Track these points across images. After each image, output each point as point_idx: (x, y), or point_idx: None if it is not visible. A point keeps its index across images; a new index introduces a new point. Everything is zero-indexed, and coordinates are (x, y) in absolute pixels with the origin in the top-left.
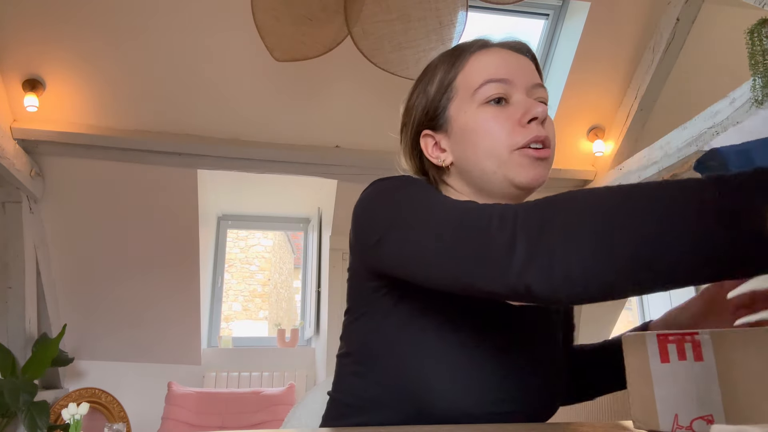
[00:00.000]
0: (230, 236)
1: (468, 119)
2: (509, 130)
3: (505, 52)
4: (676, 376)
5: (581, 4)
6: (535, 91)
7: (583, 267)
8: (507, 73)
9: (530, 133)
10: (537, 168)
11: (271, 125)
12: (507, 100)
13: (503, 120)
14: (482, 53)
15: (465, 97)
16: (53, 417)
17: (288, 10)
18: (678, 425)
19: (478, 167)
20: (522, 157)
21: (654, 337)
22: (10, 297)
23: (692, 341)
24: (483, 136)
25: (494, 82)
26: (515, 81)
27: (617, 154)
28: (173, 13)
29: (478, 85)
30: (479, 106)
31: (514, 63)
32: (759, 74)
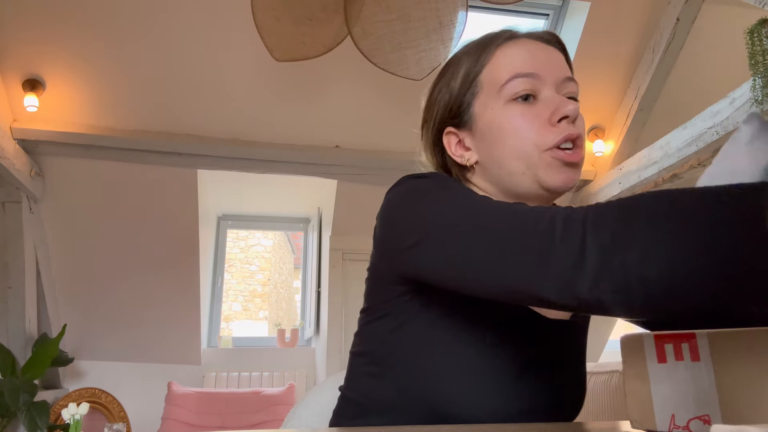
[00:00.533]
0: (230, 236)
1: (494, 116)
2: (538, 129)
3: (533, 43)
4: (673, 377)
5: (581, 4)
6: (566, 86)
7: (664, 282)
8: (535, 67)
9: (561, 133)
10: (568, 171)
11: (271, 125)
12: (535, 96)
13: (532, 118)
14: (509, 45)
15: (491, 93)
16: (53, 417)
17: (288, 10)
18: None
19: (505, 167)
20: (552, 158)
21: (651, 337)
22: (10, 297)
23: (689, 341)
24: (511, 135)
25: (522, 77)
26: (544, 76)
27: (617, 154)
28: (173, 13)
29: (505, 80)
30: (506, 102)
31: (543, 56)
32: (759, 74)
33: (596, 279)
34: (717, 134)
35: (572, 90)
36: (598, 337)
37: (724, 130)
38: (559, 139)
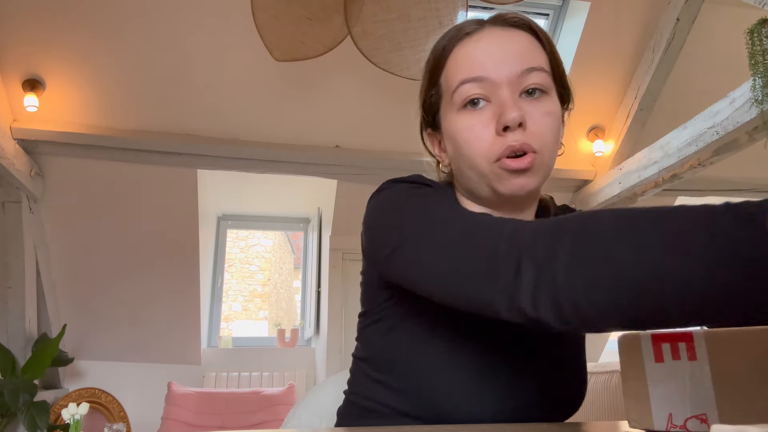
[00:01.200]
0: (230, 236)
1: (450, 125)
2: (485, 141)
3: (491, 35)
4: (671, 376)
5: (581, 4)
6: (524, 80)
7: (590, 298)
8: (483, 68)
9: (504, 144)
10: (517, 178)
11: (271, 125)
12: (488, 99)
13: (481, 128)
14: (462, 45)
15: (447, 99)
16: (53, 417)
17: (288, 10)
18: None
19: (465, 174)
20: (500, 169)
21: (648, 337)
22: (10, 297)
23: (686, 341)
24: (462, 146)
25: (469, 82)
26: (495, 76)
27: (617, 154)
28: (173, 13)
29: (454, 87)
30: (457, 110)
31: (497, 50)
32: (759, 74)
33: (533, 298)
34: (717, 134)
35: (533, 81)
36: (598, 337)
37: (724, 130)
38: (501, 151)
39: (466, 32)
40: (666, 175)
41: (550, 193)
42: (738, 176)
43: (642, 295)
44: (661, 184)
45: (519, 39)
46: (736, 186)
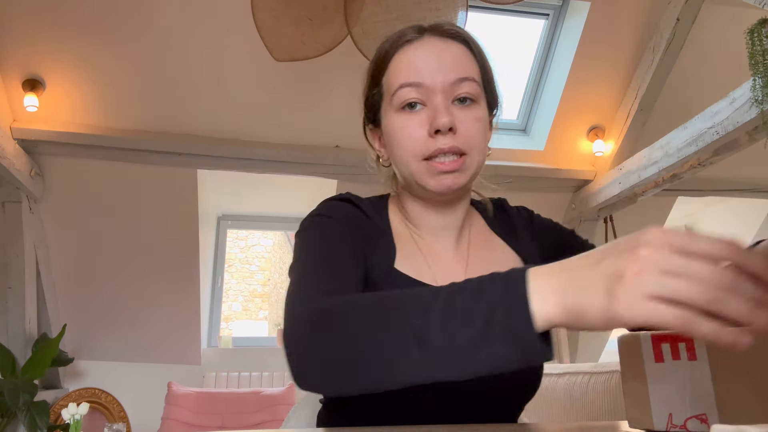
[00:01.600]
0: (230, 236)
1: (388, 123)
2: (417, 140)
3: (430, 43)
4: (670, 376)
5: (581, 4)
6: (457, 88)
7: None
8: (420, 75)
9: (434, 146)
10: (446, 178)
11: (271, 125)
12: (424, 103)
13: (414, 128)
14: (403, 51)
15: (387, 99)
16: (53, 417)
17: (288, 10)
18: (672, 424)
19: (400, 169)
20: (428, 167)
21: (648, 336)
22: (10, 297)
23: (686, 341)
24: (398, 144)
25: (407, 86)
26: (431, 83)
27: (617, 154)
28: (173, 13)
29: (394, 89)
30: (396, 111)
31: (435, 59)
32: (759, 74)
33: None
34: (717, 134)
35: (465, 90)
36: (598, 337)
37: (724, 130)
38: (431, 152)
39: (407, 39)
40: (666, 175)
41: (550, 193)
42: (738, 176)
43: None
44: (661, 184)
45: (454, 50)
46: (736, 186)
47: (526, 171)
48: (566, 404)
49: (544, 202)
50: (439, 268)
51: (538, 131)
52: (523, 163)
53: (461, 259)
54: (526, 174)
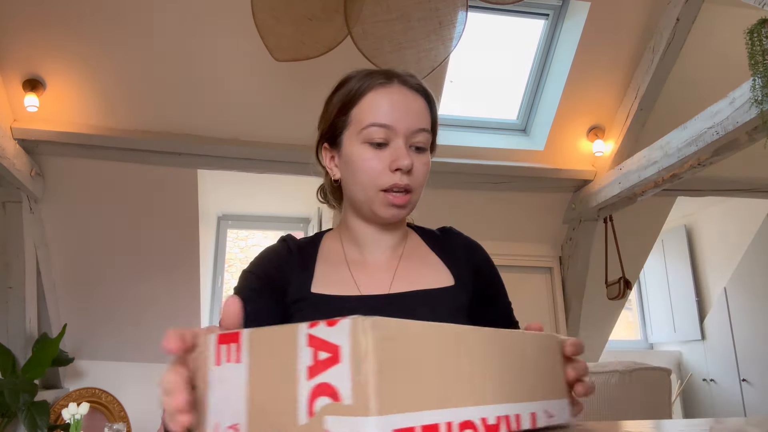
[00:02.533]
0: (230, 236)
1: (352, 151)
2: (379, 172)
3: (399, 92)
4: (223, 381)
5: (581, 4)
6: (416, 137)
7: None
8: (391, 119)
9: (392, 180)
10: (394, 209)
11: (271, 125)
12: (387, 143)
13: (377, 162)
14: (378, 92)
15: (354, 130)
16: (53, 417)
17: (288, 10)
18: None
19: (354, 194)
20: (384, 198)
21: (214, 337)
22: (10, 297)
23: (236, 341)
24: (359, 172)
25: (377, 126)
26: (397, 127)
27: (617, 154)
28: (173, 13)
29: (365, 125)
30: (362, 143)
31: (403, 107)
32: (759, 74)
33: None
34: (717, 134)
35: (421, 140)
36: (598, 337)
37: (724, 130)
38: (389, 185)
39: (380, 82)
40: (666, 175)
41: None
42: (738, 176)
43: None
44: (661, 184)
45: (418, 102)
46: (736, 186)
47: (526, 171)
48: None
49: (544, 202)
50: (365, 279)
51: (538, 131)
52: (523, 163)
53: (390, 269)
54: (526, 174)
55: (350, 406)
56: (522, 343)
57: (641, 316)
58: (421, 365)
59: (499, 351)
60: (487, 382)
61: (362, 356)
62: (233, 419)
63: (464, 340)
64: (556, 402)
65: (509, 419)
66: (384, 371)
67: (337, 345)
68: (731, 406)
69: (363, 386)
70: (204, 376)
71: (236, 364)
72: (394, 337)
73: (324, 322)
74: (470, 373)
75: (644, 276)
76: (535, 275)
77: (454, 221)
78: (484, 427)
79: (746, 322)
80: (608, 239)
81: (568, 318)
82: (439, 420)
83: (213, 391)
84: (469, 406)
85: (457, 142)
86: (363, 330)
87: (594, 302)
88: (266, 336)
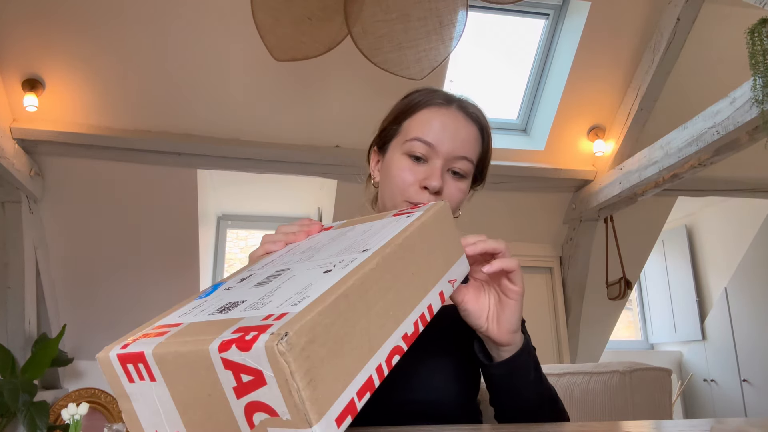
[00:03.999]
0: (230, 236)
1: (392, 159)
2: (409, 185)
3: (453, 116)
4: (145, 395)
5: (581, 4)
6: (456, 162)
7: None
8: (435, 139)
9: (420, 197)
10: None
11: (271, 125)
12: (427, 159)
13: (410, 174)
14: (431, 110)
15: (400, 140)
16: (53, 417)
17: (288, 10)
18: None
19: (384, 200)
20: (405, 205)
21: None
22: (9, 297)
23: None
24: (392, 179)
25: (421, 141)
26: (439, 147)
27: (617, 154)
28: (173, 13)
29: (410, 138)
30: (402, 153)
31: (451, 130)
32: (759, 74)
33: None
34: (717, 134)
35: (461, 167)
36: (598, 337)
37: (724, 130)
38: (416, 200)
39: (438, 102)
40: (666, 175)
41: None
42: (738, 176)
43: None
44: (662, 184)
45: (470, 130)
46: (736, 186)
47: (526, 171)
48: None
49: (545, 202)
50: None
51: (538, 131)
52: (523, 163)
53: None
54: (526, 174)
55: (290, 422)
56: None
57: (642, 316)
58: (343, 341)
59: (403, 263)
60: (400, 301)
61: (287, 378)
62: (173, 428)
63: (368, 287)
64: (455, 267)
65: (424, 315)
66: (313, 378)
67: (259, 369)
68: (732, 407)
69: (297, 404)
70: (121, 391)
71: (151, 382)
72: (314, 339)
73: (235, 345)
74: (385, 307)
75: (645, 276)
76: (535, 275)
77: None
78: (407, 340)
79: (747, 323)
80: (609, 239)
81: (569, 318)
82: (369, 372)
83: (136, 403)
84: (392, 335)
85: None
86: (281, 353)
87: (594, 302)
88: (172, 358)
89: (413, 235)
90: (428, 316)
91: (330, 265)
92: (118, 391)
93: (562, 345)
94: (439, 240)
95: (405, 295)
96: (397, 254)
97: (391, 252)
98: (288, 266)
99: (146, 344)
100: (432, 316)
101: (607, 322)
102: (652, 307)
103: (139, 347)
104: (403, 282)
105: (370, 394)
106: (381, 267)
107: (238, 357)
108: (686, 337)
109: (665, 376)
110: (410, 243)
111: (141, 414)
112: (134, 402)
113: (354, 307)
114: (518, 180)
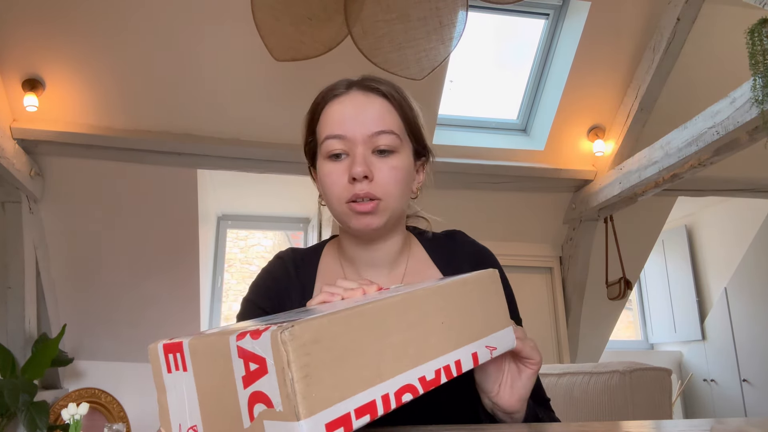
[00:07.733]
0: (230, 236)
1: (319, 170)
2: (340, 186)
3: (353, 99)
4: (177, 386)
5: (581, 4)
6: (376, 140)
7: None
8: (343, 128)
9: (351, 192)
10: (363, 218)
11: (271, 125)
12: (348, 153)
13: (338, 176)
14: (331, 105)
15: (319, 148)
16: (53, 417)
17: (288, 10)
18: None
19: (331, 211)
20: (350, 209)
21: (162, 347)
22: (9, 297)
23: (180, 351)
24: (326, 188)
25: (332, 138)
26: (352, 135)
27: (617, 154)
28: (174, 13)
29: (322, 140)
30: (323, 159)
31: (356, 113)
32: (759, 74)
33: None
34: (717, 134)
35: (384, 142)
36: (598, 337)
37: (724, 130)
38: (349, 196)
39: (335, 94)
40: (666, 175)
41: (550, 193)
42: (738, 176)
43: None
44: (662, 184)
45: (375, 104)
46: (736, 186)
47: (527, 171)
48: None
49: (545, 202)
50: None
51: (538, 131)
52: (523, 163)
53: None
54: (526, 174)
55: (281, 413)
56: (455, 292)
57: (642, 316)
58: (350, 355)
59: (433, 309)
60: (422, 343)
61: (284, 367)
62: (192, 421)
63: (387, 315)
64: (497, 334)
65: (449, 367)
66: (309, 375)
67: (263, 357)
68: (732, 407)
69: (289, 395)
70: (161, 381)
71: (184, 372)
72: (318, 339)
73: (249, 334)
74: (404, 342)
75: (645, 276)
76: (535, 275)
77: (454, 221)
78: (423, 384)
79: (747, 323)
80: (609, 239)
81: (569, 318)
82: (373, 396)
83: (170, 395)
84: (406, 371)
85: (458, 142)
86: (282, 342)
87: (594, 302)
88: (203, 346)
89: (449, 287)
90: (454, 371)
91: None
92: (159, 382)
93: (562, 345)
94: (480, 302)
95: (430, 341)
96: (426, 297)
97: (419, 292)
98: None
99: (187, 337)
100: (459, 373)
101: (607, 322)
102: (652, 307)
103: (181, 338)
104: (429, 326)
105: (371, 418)
106: (405, 302)
107: (249, 345)
108: (686, 337)
109: (665, 376)
110: (444, 292)
111: (171, 407)
112: (168, 394)
113: (367, 328)
114: (518, 180)
